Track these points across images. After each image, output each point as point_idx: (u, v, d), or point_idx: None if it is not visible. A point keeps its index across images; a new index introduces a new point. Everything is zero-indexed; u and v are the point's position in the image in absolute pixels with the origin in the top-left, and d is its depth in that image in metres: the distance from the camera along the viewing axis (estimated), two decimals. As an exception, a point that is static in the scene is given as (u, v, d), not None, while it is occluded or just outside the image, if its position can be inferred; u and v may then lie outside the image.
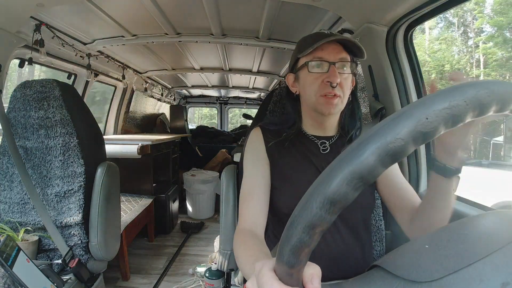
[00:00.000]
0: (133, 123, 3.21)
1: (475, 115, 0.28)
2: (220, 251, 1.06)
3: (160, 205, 2.55)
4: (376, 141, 0.26)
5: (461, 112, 0.27)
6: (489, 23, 10.67)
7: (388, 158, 0.26)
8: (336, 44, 0.74)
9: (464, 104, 0.26)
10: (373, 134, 0.27)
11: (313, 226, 0.28)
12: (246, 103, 4.63)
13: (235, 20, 1.61)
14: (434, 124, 0.26)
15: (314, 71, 0.74)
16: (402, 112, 0.27)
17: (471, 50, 12.50)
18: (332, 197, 0.26)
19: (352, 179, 0.26)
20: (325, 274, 0.78)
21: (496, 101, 0.28)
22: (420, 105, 0.27)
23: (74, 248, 1.17)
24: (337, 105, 0.74)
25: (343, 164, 0.27)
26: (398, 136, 0.26)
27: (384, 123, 0.27)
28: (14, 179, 1.22)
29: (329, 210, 0.27)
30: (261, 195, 0.77)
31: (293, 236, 0.29)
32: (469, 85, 0.28)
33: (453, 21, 13.63)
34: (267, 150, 0.82)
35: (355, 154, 0.26)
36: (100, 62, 2.09)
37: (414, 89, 1.11)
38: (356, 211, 0.77)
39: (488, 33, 11.00)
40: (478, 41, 11.85)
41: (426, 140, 0.26)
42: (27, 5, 1.13)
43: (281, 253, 0.31)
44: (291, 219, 0.29)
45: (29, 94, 1.20)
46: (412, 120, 0.26)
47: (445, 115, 0.26)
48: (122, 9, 1.44)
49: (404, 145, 0.26)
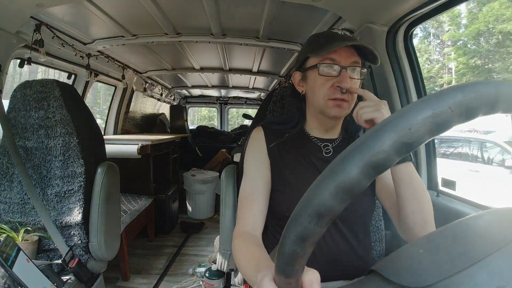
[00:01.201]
0: (133, 123, 3.21)
1: (462, 120, 0.27)
2: (220, 251, 1.06)
3: (160, 205, 2.55)
4: (359, 154, 0.26)
5: (446, 120, 0.26)
6: (455, 37, 11.46)
7: (372, 171, 0.26)
8: (349, 47, 0.71)
9: (449, 111, 0.26)
10: (355, 147, 0.27)
11: (304, 239, 0.28)
12: (246, 103, 4.63)
13: (235, 20, 1.61)
14: (417, 134, 0.26)
15: (324, 74, 0.71)
16: (384, 124, 0.27)
17: (440, 59, 13.85)
18: (319, 210, 0.27)
19: (337, 193, 0.26)
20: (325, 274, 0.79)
21: (485, 104, 0.27)
22: (403, 116, 0.26)
23: (74, 248, 1.17)
24: (345, 109, 0.72)
25: (326, 179, 0.27)
26: (381, 149, 0.25)
27: (367, 136, 0.27)
28: (14, 179, 1.22)
29: (317, 223, 0.28)
30: (261, 198, 0.76)
31: (287, 248, 0.30)
32: (455, 90, 0.27)
33: (429, 31, 14.65)
34: (268, 151, 0.81)
35: (338, 168, 0.27)
36: (100, 62, 2.09)
37: (414, 89, 1.11)
38: (356, 213, 0.77)
39: (455, 44, 11.80)
40: (447, 52, 12.99)
41: (410, 150, 0.26)
42: (27, 5, 1.13)
43: (278, 265, 0.32)
44: (284, 231, 0.30)
45: (29, 94, 1.20)
46: (395, 132, 0.26)
47: (429, 124, 0.26)
48: (122, 9, 1.44)
49: (387, 157, 0.26)
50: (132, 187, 2.41)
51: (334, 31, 0.76)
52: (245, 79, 3.24)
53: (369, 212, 0.82)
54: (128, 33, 1.74)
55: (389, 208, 0.77)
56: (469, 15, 5.93)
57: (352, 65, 0.71)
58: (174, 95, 4.12)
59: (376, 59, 0.71)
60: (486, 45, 3.58)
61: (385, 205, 0.79)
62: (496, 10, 3.68)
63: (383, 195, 0.79)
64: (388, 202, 0.77)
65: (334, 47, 0.68)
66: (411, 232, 0.68)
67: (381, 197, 0.80)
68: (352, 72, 0.71)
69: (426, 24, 12.66)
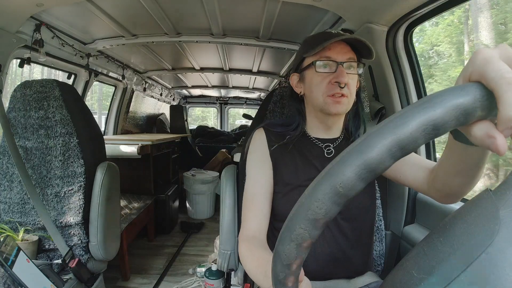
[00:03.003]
0: (133, 123, 3.21)
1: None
2: (220, 251, 1.06)
3: (160, 205, 2.55)
4: (354, 158, 0.26)
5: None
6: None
7: (368, 174, 0.26)
8: (343, 44, 0.72)
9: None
10: (350, 150, 0.27)
11: (299, 243, 0.29)
12: (246, 103, 4.63)
13: (235, 20, 1.61)
14: (413, 136, 0.25)
15: (321, 71, 0.72)
16: (375, 130, 0.27)
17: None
18: (313, 214, 0.28)
19: (332, 196, 0.27)
20: (325, 272, 0.79)
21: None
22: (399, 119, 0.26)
23: (74, 248, 1.17)
24: (344, 104, 0.72)
25: (320, 183, 0.27)
26: (376, 153, 0.25)
27: (362, 140, 0.27)
28: (14, 179, 1.22)
29: (312, 227, 0.28)
30: (264, 201, 0.76)
31: (282, 252, 0.30)
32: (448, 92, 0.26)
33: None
34: (270, 153, 0.81)
35: (333, 170, 0.27)
36: (100, 62, 2.09)
37: (414, 89, 1.11)
38: (357, 212, 0.77)
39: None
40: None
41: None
42: (27, 5, 1.13)
43: (274, 269, 0.33)
44: (279, 237, 0.31)
45: (29, 94, 1.20)
46: (389, 138, 0.25)
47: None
48: (122, 9, 1.44)
49: (381, 160, 0.26)
50: (132, 187, 2.41)
51: (328, 31, 0.77)
52: (245, 79, 3.24)
53: (370, 212, 0.81)
54: (128, 33, 1.74)
55: (405, 178, 0.70)
56: (420, 33, 6.20)
57: (348, 61, 0.71)
58: (174, 95, 4.12)
59: (371, 53, 0.71)
60: (426, 61, 3.77)
61: (397, 177, 0.72)
62: (437, 32, 4.03)
63: (392, 172, 0.73)
64: (400, 172, 0.71)
65: (328, 43, 0.68)
66: (447, 193, 0.60)
67: (390, 174, 0.73)
68: (348, 68, 0.72)
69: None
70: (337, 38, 0.68)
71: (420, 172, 0.67)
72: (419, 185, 0.67)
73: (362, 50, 0.73)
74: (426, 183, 0.65)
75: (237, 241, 1.03)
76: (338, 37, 0.69)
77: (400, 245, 1.07)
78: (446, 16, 4.12)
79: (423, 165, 0.68)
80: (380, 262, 1.02)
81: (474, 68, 0.27)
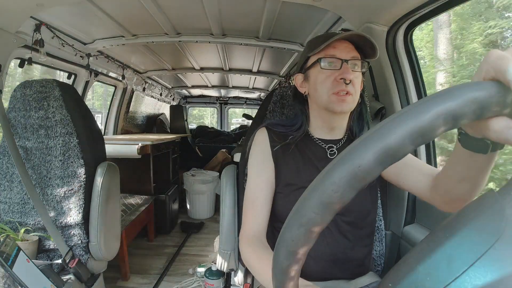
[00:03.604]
0: (133, 123, 3.21)
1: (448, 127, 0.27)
2: (220, 251, 1.06)
3: (160, 205, 2.55)
4: (344, 166, 0.26)
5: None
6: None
7: (357, 183, 0.26)
8: (347, 43, 0.73)
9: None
10: (339, 159, 0.27)
11: (296, 248, 0.29)
12: (246, 103, 4.63)
13: (235, 20, 1.61)
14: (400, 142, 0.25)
15: (326, 68, 0.72)
16: (365, 137, 0.27)
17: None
18: (309, 220, 0.28)
19: (322, 206, 0.27)
20: (325, 273, 0.79)
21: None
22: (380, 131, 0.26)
23: (74, 248, 1.17)
24: (349, 103, 0.72)
25: (315, 189, 0.28)
26: (364, 161, 0.25)
27: (352, 147, 0.27)
28: (14, 179, 1.22)
29: (307, 232, 0.28)
30: (265, 201, 0.76)
31: (281, 257, 0.31)
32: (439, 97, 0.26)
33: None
34: (272, 153, 0.80)
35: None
36: (100, 62, 2.09)
37: (414, 89, 1.11)
38: (357, 213, 0.77)
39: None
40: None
41: (395, 160, 0.26)
42: (27, 5, 1.13)
43: (274, 272, 0.33)
44: (277, 241, 0.31)
45: (29, 94, 1.20)
46: (379, 142, 0.26)
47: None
48: (122, 9, 1.44)
49: (369, 170, 0.26)
50: (132, 187, 2.41)
51: (332, 31, 0.77)
52: (245, 79, 3.24)
53: (371, 215, 0.81)
54: (128, 33, 1.74)
55: (407, 183, 0.71)
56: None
57: (353, 59, 0.72)
58: (174, 95, 4.12)
59: (375, 52, 0.71)
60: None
61: (398, 182, 0.73)
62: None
63: (393, 175, 0.74)
64: (401, 177, 0.72)
65: (333, 39, 0.69)
66: (449, 198, 0.60)
67: (392, 178, 0.75)
68: (352, 66, 0.72)
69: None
70: (342, 35, 0.69)
71: (422, 178, 0.67)
72: (421, 191, 0.68)
73: (365, 50, 0.74)
74: (428, 189, 0.65)
75: (237, 241, 1.03)
76: (343, 34, 0.70)
77: (400, 245, 1.07)
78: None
79: (425, 171, 0.68)
80: (380, 262, 1.02)
81: (489, 66, 0.29)
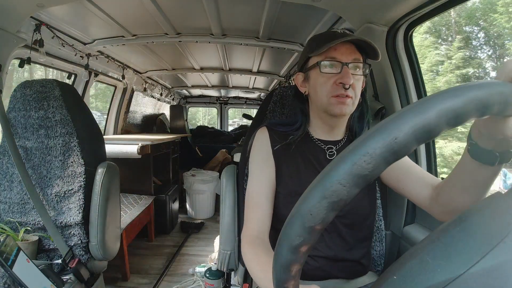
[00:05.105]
0: (133, 123, 3.21)
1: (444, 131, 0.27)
2: (220, 251, 1.06)
3: (160, 205, 2.55)
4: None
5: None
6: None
7: (359, 180, 0.26)
8: (349, 44, 0.71)
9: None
10: (339, 159, 0.27)
11: (296, 248, 0.29)
12: (246, 103, 4.63)
13: (235, 20, 1.61)
14: (404, 142, 0.26)
15: (326, 71, 0.71)
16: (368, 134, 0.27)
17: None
18: (310, 220, 0.28)
19: (324, 203, 0.27)
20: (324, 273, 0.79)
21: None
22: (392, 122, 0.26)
23: (74, 248, 1.17)
24: (348, 106, 0.71)
25: (314, 188, 0.28)
26: (367, 157, 0.25)
27: (349, 149, 0.27)
28: (14, 179, 1.22)
29: (308, 233, 0.28)
30: (267, 201, 0.76)
31: (282, 257, 0.30)
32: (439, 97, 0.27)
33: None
34: (273, 153, 0.80)
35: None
36: (100, 62, 2.09)
37: (414, 89, 1.11)
38: (357, 214, 0.77)
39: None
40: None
41: (396, 158, 0.26)
42: (27, 5, 1.13)
43: (274, 273, 0.33)
44: (278, 241, 0.31)
45: (29, 94, 1.20)
46: (382, 141, 0.26)
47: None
48: (122, 9, 1.44)
49: (374, 166, 0.26)
50: (132, 187, 2.41)
51: (334, 30, 0.76)
52: (245, 79, 3.24)
53: (370, 218, 0.81)
54: (128, 33, 1.74)
55: (407, 190, 0.71)
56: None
57: (353, 62, 0.70)
58: (174, 95, 4.12)
59: (377, 55, 0.70)
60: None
61: (398, 188, 0.73)
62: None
63: (394, 181, 0.75)
64: (402, 184, 0.72)
65: (333, 43, 0.68)
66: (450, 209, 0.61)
67: (393, 183, 0.75)
68: (353, 69, 0.71)
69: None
70: (342, 39, 0.68)
71: (423, 186, 0.68)
72: (421, 199, 0.68)
73: (367, 51, 0.72)
74: (428, 198, 0.66)
75: (237, 241, 1.03)
76: (344, 37, 0.68)
77: (400, 245, 1.07)
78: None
79: (427, 180, 0.69)
80: (380, 262, 1.02)
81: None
